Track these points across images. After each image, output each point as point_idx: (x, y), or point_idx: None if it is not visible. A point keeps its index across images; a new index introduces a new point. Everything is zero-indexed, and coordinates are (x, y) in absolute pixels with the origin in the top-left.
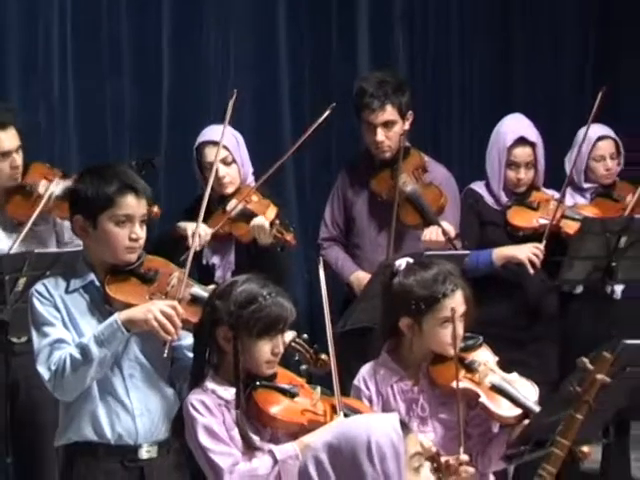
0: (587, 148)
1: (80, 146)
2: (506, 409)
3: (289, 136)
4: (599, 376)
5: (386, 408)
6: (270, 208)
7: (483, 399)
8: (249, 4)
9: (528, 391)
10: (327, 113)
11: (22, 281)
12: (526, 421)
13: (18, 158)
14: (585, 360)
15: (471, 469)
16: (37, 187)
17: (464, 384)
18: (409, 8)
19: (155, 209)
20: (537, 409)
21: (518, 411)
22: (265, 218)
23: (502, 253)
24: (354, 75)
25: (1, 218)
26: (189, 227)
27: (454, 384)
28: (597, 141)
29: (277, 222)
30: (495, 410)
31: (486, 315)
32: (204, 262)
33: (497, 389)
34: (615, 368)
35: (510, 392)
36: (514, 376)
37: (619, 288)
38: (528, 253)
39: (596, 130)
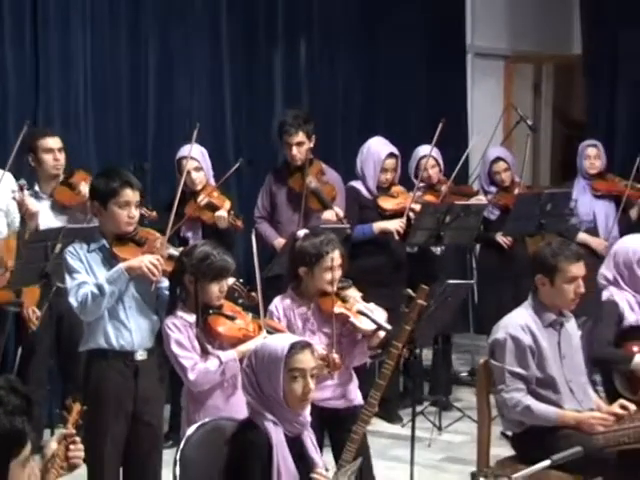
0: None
1: (97, 154)
2: (366, 325)
3: (232, 149)
4: (419, 301)
5: (289, 325)
6: (226, 202)
7: (352, 319)
8: (206, 61)
9: (381, 315)
10: (234, 168)
11: (59, 246)
12: (380, 333)
13: (60, 156)
14: (409, 290)
15: (339, 361)
16: (79, 186)
17: (339, 310)
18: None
19: (154, 214)
20: (387, 326)
21: (374, 326)
22: (224, 209)
23: (379, 226)
24: (271, 106)
25: (52, 203)
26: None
27: (333, 309)
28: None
29: (232, 213)
30: (359, 326)
31: (365, 265)
32: (181, 235)
33: (361, 313)
34: (440, 298)
35: (369, 315)
36: (372, 305)
37: (439, 249)
38: (396, 226)
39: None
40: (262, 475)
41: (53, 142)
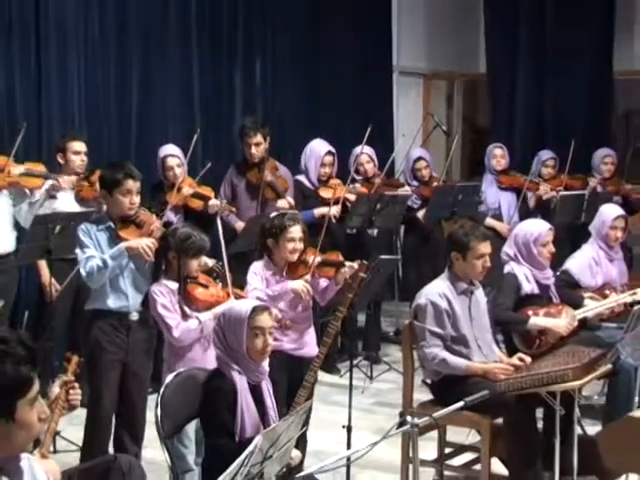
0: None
1: (90, 153)
2: (328, 271)
3: (200, 148)
4: (361, 274)
5: (268, 285)
6: (211, 192)
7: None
8: (179, 76)
9: (335, 257)
10: (207, 167)
11: (58, 227)
12: (341, 271)
13: (84, 157)
14: (354, 265)
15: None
16: (96, 184)
17: (294, 284)
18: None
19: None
20: (344, 262)
21: (333, 269)
22: (214, 198)
23: (319, 211)
24: (232, 113)
25: (77, 198)
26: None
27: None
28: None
29: (223, 202)
30: (325, 274)
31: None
32: (166, 219)
33: (321, 263)
34: (374, 270)
35: (328, 261)
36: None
37: (375, 231)
38: (333, 211)
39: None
40: (229, 415)
41: (80, 146)
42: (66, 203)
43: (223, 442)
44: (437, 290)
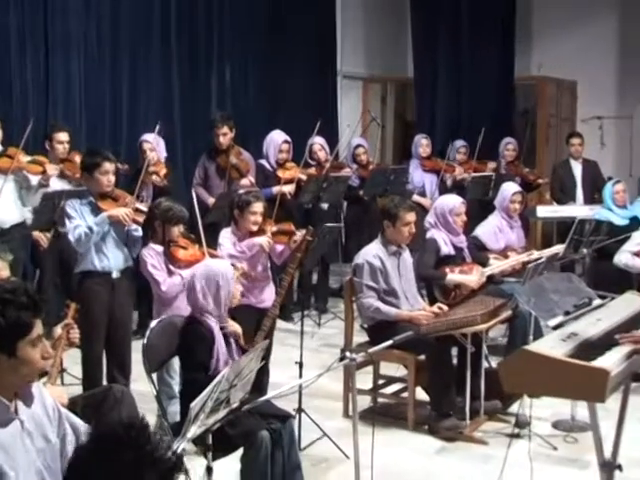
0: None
1: (87, 141)
2: (283, 237)
3: (179, 139)
4: (307, 237)
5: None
6: (163, 170)
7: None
8: (162, 78)
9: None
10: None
11: (63, 202)
12: (294, 237)
13: (67, 145)
14: (303, 231)
15: (254, 274)
16: (76, 162)
17: (264, 239)
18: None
19: (126, 166)
20: (296, 231)
21: (287, 236)
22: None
23: (277, 189)
24: (208, 109)
25: (59, 174)
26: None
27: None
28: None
29: (167, 177)
30: (280, 239)
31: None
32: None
33: (275, 232)
34: (321, 236)
35: (282, 229)
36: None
37: (325, 205)
38: (289, 189)
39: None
40: (207, 354)
41: (64, 136)
42: (58, 186)
43: (201, 376)
44: (372, 252)
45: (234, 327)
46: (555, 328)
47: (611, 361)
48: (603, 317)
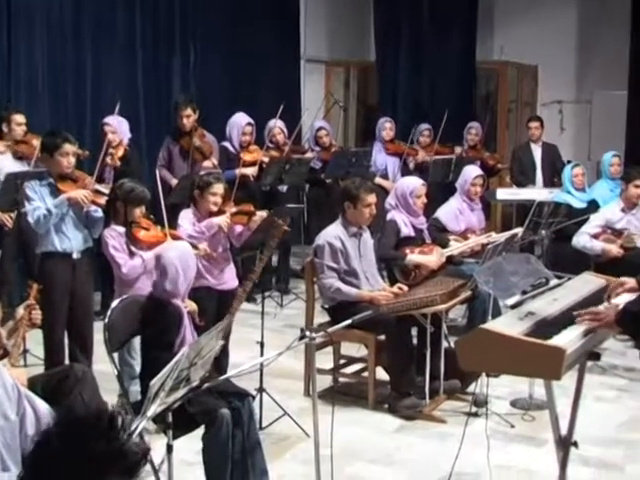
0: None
1: (51, 122)
2: (241, 218)
3: (143, 121)
4: (280, 222)
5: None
6: (119, 152)
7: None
8: (126, 60)
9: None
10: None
11: (25, 183)
12: (253, 219)
13: (24, 127)
14: (261, 214)
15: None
16: (32, 144)
17: (223, 219)
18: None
19: (86, 153)
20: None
21: (247, 217)
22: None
23: (241, 171)
24: (170, 92)
25: (15, 156)
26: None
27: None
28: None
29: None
30: (237, 220)
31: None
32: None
33: (234, 213)
34: (282, 216)
35: (240, 210)
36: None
37: (284, 187)
38: (252, 171)
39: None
40: (175, 334)
41: (21, 118)
42: (5, 162)
43: (166, 355)
44: (333, 233)
45: (191, 305)
46: (512, 307)
47: (567, 339)
48: (560, 297)
